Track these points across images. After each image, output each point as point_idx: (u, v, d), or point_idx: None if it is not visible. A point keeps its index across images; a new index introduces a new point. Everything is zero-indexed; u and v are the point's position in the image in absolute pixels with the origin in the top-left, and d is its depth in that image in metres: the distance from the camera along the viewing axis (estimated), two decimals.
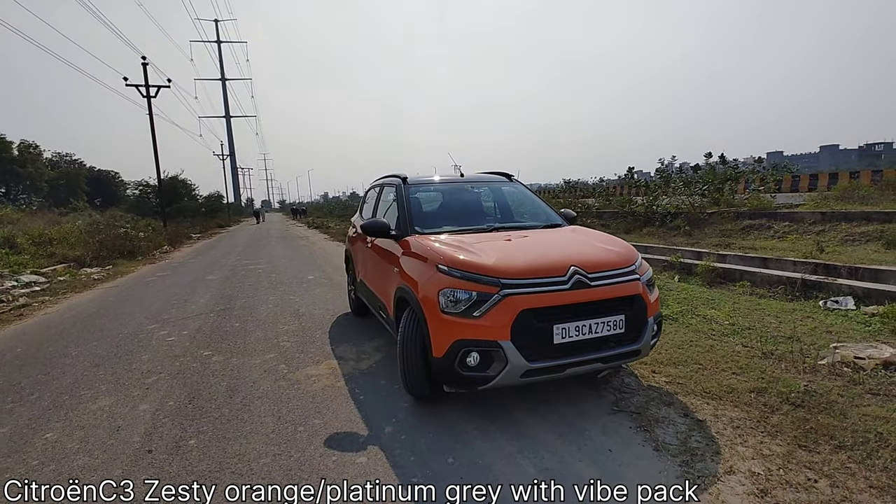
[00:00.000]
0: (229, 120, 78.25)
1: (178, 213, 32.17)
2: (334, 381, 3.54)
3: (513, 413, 2.92)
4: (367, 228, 3.66)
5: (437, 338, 2.72)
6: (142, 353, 4.36)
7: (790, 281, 5.62)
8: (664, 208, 11.66)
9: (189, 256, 13.73)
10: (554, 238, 3.44)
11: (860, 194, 10.40)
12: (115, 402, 3.29)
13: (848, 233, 8.06)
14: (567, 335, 2.64)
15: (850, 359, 3.35)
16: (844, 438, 2.41)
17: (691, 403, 2.93)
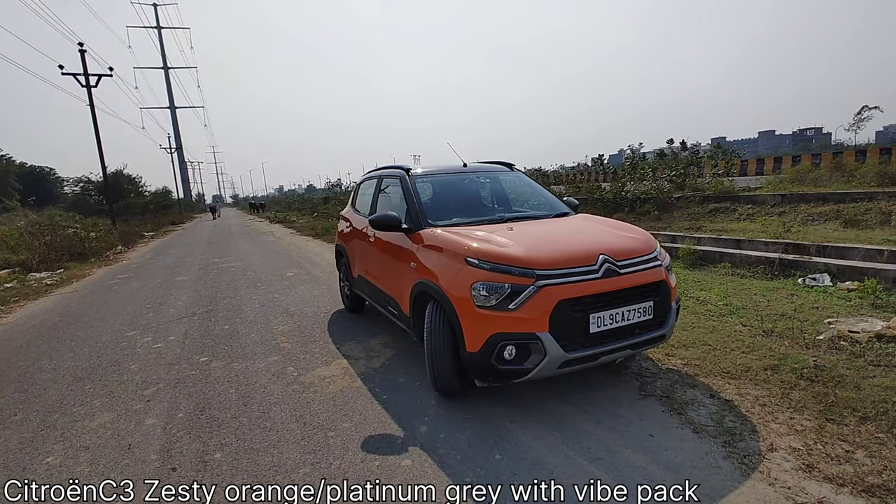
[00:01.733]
0: (174, 111, 74.25)
1: (124, 210, 30.34)
2: (350, 382, 3.42)
3: (545, 403, 2.92)
4: (377, 223, 3.53)
5: (471, 332, 2.66)
6: (129, 363, 4.06)
7: (768, 261, 5.91)
8: (633, 194, 12.00)
9: (148, 257, 12.96)
10: (572, 227, 3.44)
11: (811, 176, 11.09)
12: (115, 418, 3.04)
13: (808, 213, 8.57)
14: (602, 324, 2.65)
15: (846, 333, 3.55)
16: (866, 410, 2.54)
17: (713, 384, 3.02)
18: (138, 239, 19.42)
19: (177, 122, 72.66)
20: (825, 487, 2.03)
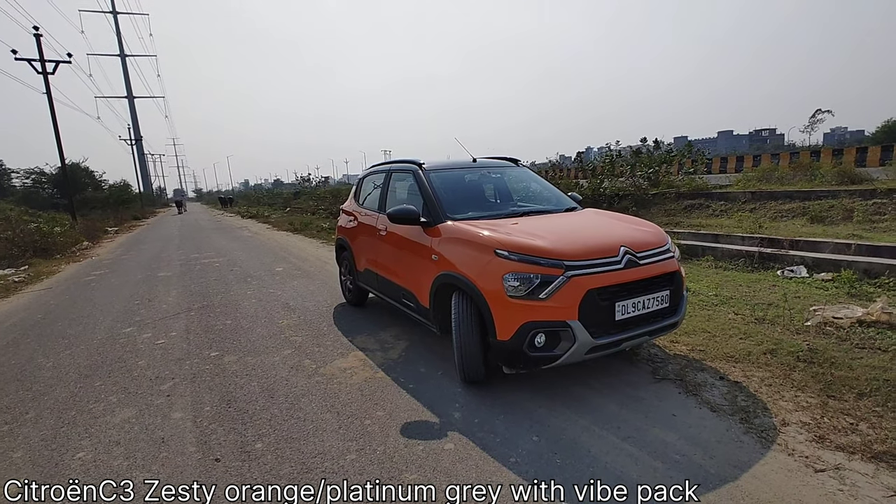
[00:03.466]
0: (132, 101, 70.95)
1: (82, 205, 28.91)
2: (373, 373, 3.47)
3: (569, 389, 3.06)
4: (396, 216, 3.57)
5: (502, 322, 2.77)
6: (135, 359, 3.97)
7: (748, 254, 6.27)
8: (611, 190, 12.38)
9: (118, 252, 12.46)
10: (587, 221, 3.59)
11: (777, 175, 11.73)
12: (139, 413, 2.99)
13: (776, 210, 9.10)
14: (626, 312, 2.81)
15: (830, 319, 3.85)
16: (861, 387, 2.80)
17: (720, 367, 3.23)
18: (102, 234, 18.57)
19: (135, 112, 69.48)
20: (838, 455, 2.24)
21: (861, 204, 8.09)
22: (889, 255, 5.49)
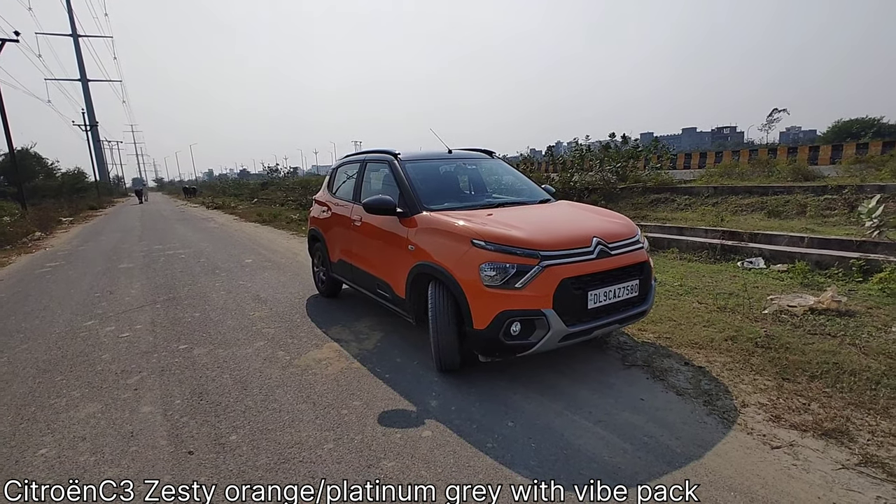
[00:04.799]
0: (86, 84, 67.35)
1: (32, 193, 27.42)
2: (348, 364, 3.46)
3: (542, 376, 3.14)
4: (372, 207, 3.55)
5: (479, 310, 2.81)
6: (99, 353, 3.82)
7: (711, 246, 6.54)
8: (581, 184, 12.63)
9: (75, 243, 11.88)
10: (561, 212, 3.66)
11: (738, 171, 12.22)
12: (105, 408, 2.90)
13: (737, 204, 9.49)
14: (598, 300, 2.89)
15: (785, 307, 4.08)
16: (813, 370, 2.98)
17: (685, 354, 3.38)
18: (56, 225, 17.65)
19: (90, 96, 66.05)
20: (792, 433, 2.39)
21: (813, 200, 8.53)
22: (838, 248, 5.83)
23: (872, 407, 2.55)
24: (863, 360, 3.06)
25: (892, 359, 3.06)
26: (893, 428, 2.37)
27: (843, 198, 8.03)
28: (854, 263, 5.03)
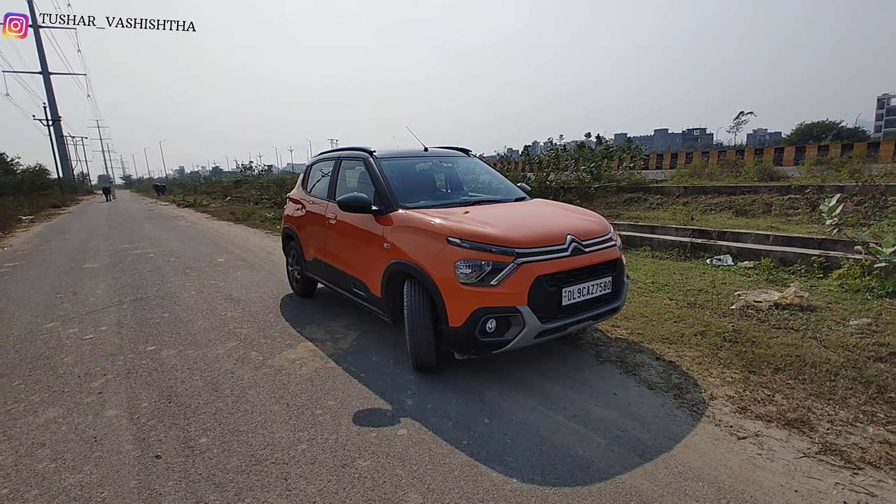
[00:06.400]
0: (48, 77, 64.59)
1: None
2: (323, 363, 3.41)
3: (518, 373, 3.16)
4: (347, 204, 3.51)
5: (455, 308, 2.81)
6: (61, 356, 3.67)
7: (681, 244, 6.70)
8: (557, 183, 12.77)
9: (35, 243, 11.40)
10: (536, 210, 3.69)
11: (707, 171, 12.57)
12: (66, 413, 2.78)
13: (706, 203, 9.76)
14: (572, 297, 2.93)
15: (752, 303, 4.21)
16: (777, 363, 3.09)
17: (657, 349, 3.45)
18: (15, 224, 16.89)
19: (52, 90, 63.33)
20: (758, 424, 2.47)
21: (778, 199, 8.83)
22: (801, 246, 6.05)
23: (831, 397, 2.66)
24: (823, 353, 3.18)
25: (849, 351, 3.20)
26: (850, 417, 2.47)
27: (805, 197, 8.34)
28: (815, 260, 5.23)
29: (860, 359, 3.07)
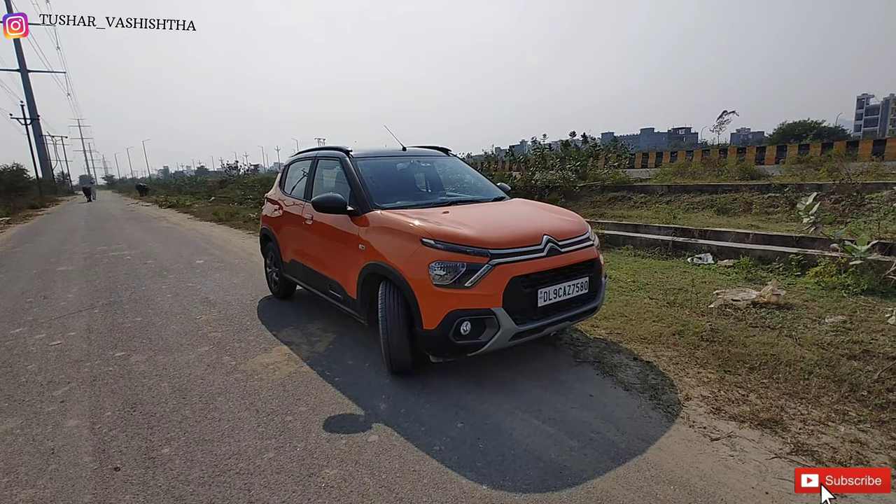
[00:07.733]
0: (26, 75, 63.18)
1: None
2: (297, 367, 3.34)
3: (497, 374, 3.12)
4: (321, 205, 3.44)
5: (429, 310, 2.76)
6: (24, 363, 3.55)
7: (663, 243, 6.73)
8: (542, 182, 12.77)
9: (10, 245, 11.10)
10: (514, 210, 3.65)
11: (690, 170, 12.67)
12: (25, 423, 2.67)
13: (689, 202, 9.82)
14: (548, 298, 2.89)
15: (730, 301, 4.22)
16: (752, 362, 3.09)
17: (634, 349, 3.44)
18: None
19: (30, 88, 61.95)
20: (731, 424, 2.46)
21: (759, 197, 8.92)
22: (779, 244, 6.10)
23: (805, 396, 2.66)
24: (798, 351, 3.19)
25: (823, 349, 3.21)
26: (823, 416, 2.47)
27: (784, 196, 8.43)
28: (793, 258, 5.27)
29: (834, 357, 3.08)
